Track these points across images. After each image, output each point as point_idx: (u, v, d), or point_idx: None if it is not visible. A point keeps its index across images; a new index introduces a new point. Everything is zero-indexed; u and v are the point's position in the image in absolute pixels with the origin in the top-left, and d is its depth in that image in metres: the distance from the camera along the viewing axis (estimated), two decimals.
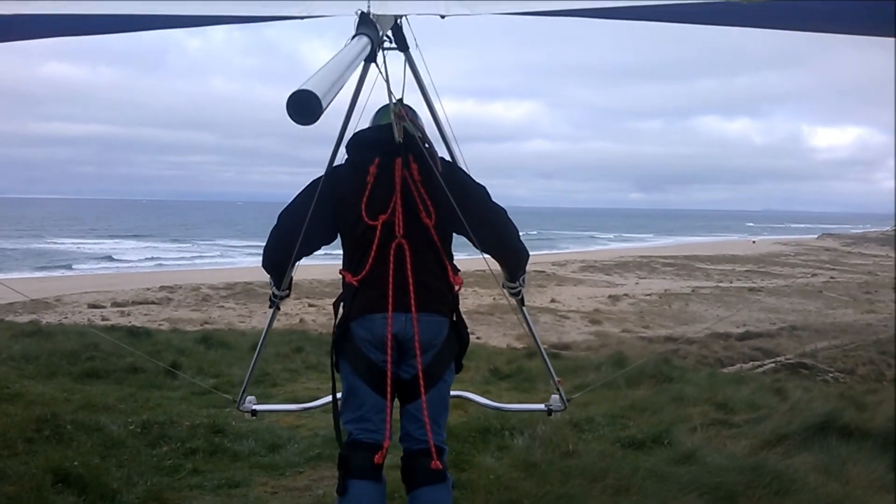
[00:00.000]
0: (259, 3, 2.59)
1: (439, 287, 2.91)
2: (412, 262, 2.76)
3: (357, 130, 2.94)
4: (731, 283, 43.96)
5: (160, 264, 52.94)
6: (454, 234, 2.99)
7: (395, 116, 2.76)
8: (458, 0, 2.40)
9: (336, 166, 2.96)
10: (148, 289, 32.85)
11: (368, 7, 2.15)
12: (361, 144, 2.87)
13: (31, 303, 27.90)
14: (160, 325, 22.28)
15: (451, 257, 3.00)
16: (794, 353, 19.60)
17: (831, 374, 15.34)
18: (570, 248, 78.01)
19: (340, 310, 2.93)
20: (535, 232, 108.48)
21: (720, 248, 71.03)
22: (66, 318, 24.73)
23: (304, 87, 1.57)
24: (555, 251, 71.22)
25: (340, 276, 2.96)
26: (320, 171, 2.97)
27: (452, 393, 3.25)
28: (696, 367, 14.39)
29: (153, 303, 29.93)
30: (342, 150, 2.98)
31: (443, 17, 2.39)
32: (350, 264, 2.89)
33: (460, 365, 3.12)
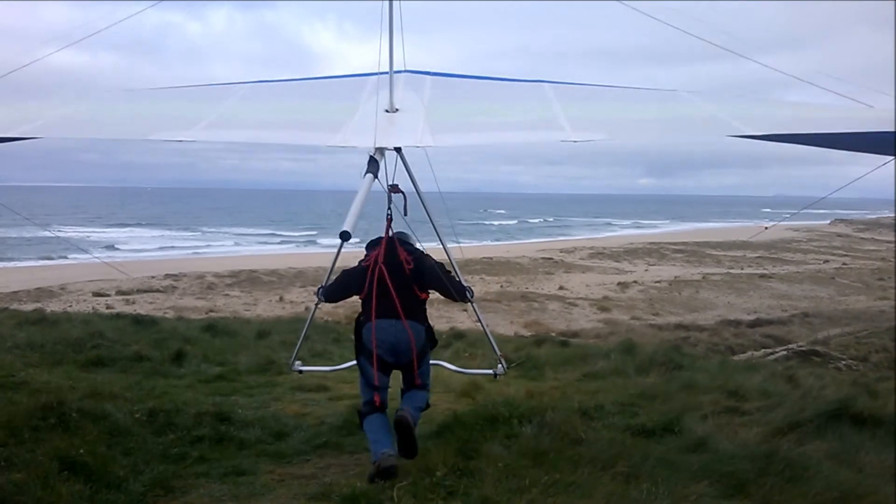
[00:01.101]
0: (311, 134, 3.88)
1: (415, 306, 4.73)
2: (394, 286, 4.56)
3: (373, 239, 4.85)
4: (742, 269, 43.67)
5: (166, 252, 53.00)
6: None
7: (389, 190, 4.66)
8: (428, 134, 3.72)
9: (368, 247, 4.85)
10: (153, 277, 32.95)
11: (375, 146, 3.48)
12: (373, 244, 4.85)
13: (34, 291, 28.10)
14: (165, 313, 22.36)
15: (422, 290, 4.77)
16: (806, 340, 19.43)
17: (844, 362, 15.16)
18: (577, 234, 77.75)
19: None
20: (551, 219, 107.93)
21: (731, 235, 70.56)
22: (70, 306, 24.84)
23: (345, 229, 2.87)
24: (562, 238, 71.02)
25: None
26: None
27: (431, 362, 5.07)
28: (706, 355, 14.29)
29: (158, 291, 30.03)
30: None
31: (418, 147, 3.76)
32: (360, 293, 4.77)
33: (435, 340, 4.98)
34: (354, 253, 5.02)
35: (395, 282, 4.59)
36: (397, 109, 3.97)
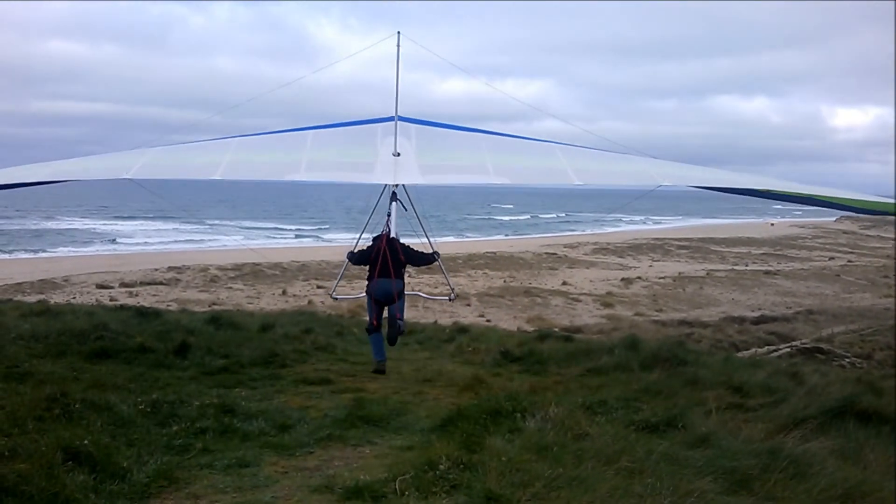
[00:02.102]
0: (359, 174, 5.61)
1: (399, 270, 7.52)
2: (391, 260, 7.36)
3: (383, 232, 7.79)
4: (747, 265, 43.56)
5: (169, 246, 52.96)
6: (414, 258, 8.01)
7: (391, 202, 7.58)
8: (426, 171, 5.63)
9: (373, 239, 7.78)
10: (156, 269, 32.97)
11: (395, 183, 6.34)
12: (377, 237, 7.65)
13: (38, 283, 28.16)
14: (168, 305, 22.37)
15: (406, 264, 7.79)
16: (810, 337, 19.33)
17: (848, 359, 15.08)
18: (583, 230, 77.59)
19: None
20: (563, 214, 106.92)
21: (736, 231, 70.31)
22: (73, 298, 24.85)
23: (392, 235, 7.34)
24: (566, 233, 70.93)
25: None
26: None
27: (407, 293, 7.96)
28: (710, 351, 14.23)
29: (161, 283, 30.01)
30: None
31: (416, 184, 6.27)
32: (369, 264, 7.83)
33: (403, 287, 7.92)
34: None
35: (392, 258, 7.36)
36: (399, 154, 5.79)
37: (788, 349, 16.14)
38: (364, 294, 8.08)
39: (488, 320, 22.77)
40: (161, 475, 4.43)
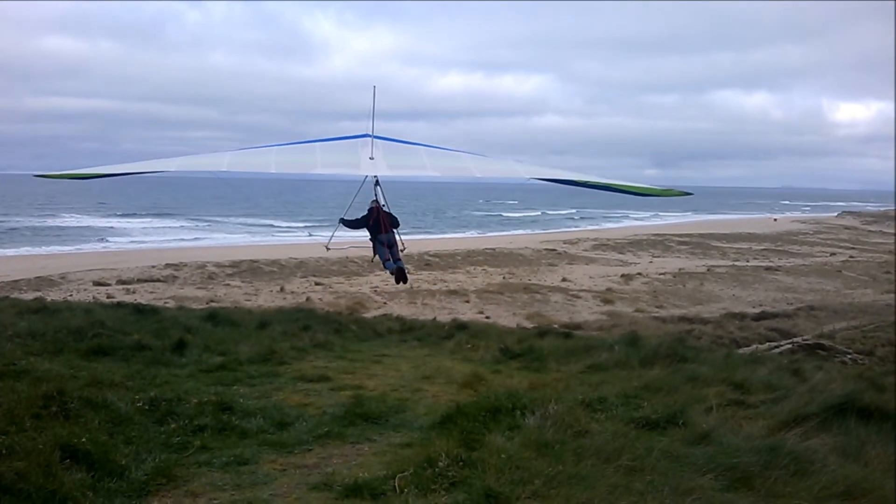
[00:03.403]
0: (352, 169, 7.71)
1: (390, 227, 9.08)
2: (384, 221, 9.04)
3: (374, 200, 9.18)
4: (748, 261, 43.49)
5: (167, 241, 52.76)
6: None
7: (375, 186, 9.10)
8: (391, 167, 7.77)
9: (370, 208, 9.15)
10: (153, 266, 32.79)
11: (374, 175, 8.39)
12: (371, 208, 9.13)
13: (35, 280, 28.02)
14: (166, 302, 22.28)
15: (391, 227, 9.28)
16: (811, 333, 19.28)
17: (849, 356, 15.05)
18: (581, 226, 77.44)
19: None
20: (573, 210, 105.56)
21: (737, 226, 70.24)
22: (70, 295, 24.74)
23: (384, 208, 9.10)
24: (566, 229, 70.86)
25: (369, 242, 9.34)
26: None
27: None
28: (710, 348, 14.21)
29: (158, 280, 29.85)
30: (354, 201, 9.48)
31: (386, 175, 8.37)
32: (369, 228, 9.14)
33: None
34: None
35: (385, 220, 8.97)
36: (373, 158, 7.62)
37: (789, 346, 16.10)
38: (351, 247, 10.81)
39: (487, 317, 22.73)
40: (159, 473, 4.42)
